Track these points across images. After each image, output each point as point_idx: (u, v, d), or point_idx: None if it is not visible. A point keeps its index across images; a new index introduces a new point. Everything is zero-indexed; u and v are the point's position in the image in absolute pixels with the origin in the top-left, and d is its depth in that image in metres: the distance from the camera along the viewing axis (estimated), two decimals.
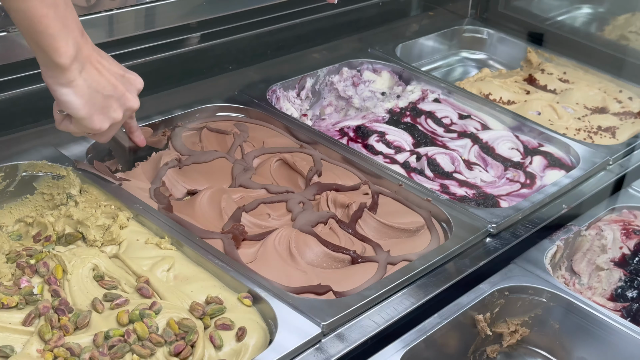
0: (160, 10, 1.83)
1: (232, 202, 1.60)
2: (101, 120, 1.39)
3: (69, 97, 1.34)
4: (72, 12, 1.30)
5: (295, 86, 2.13)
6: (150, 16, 1.83)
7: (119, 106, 1.41)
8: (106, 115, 1.39)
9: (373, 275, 1.49)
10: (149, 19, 1.83)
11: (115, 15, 1.75)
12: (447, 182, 1.83)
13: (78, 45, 1.31)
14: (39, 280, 1.34)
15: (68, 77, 1.32)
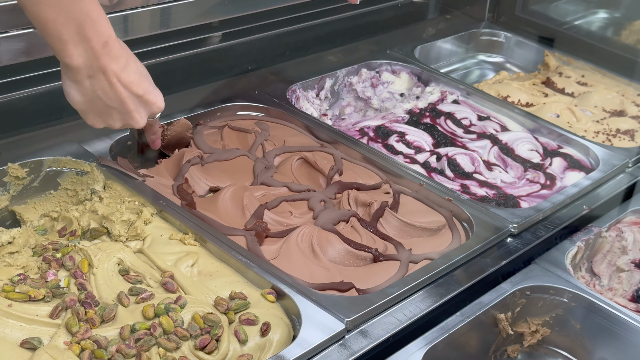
0: (181, 9, 1.84)
1: (254, 200, 1.61)
2: (95, 121, 1.42)
3: (71, 91, 1.37)
4: (95, 23, 1.29)
5: (315, 86, 2.14)
6: (172, 15, 1.84)
7: (120, 119, 1.43)
8: (103, 119, 1.42)
9: (395, 274, 1.49)
10: (170, 17, 1.84)
11: (138, 14, 1.75)
12: (467, 182, 1.84)
13: (94, 54, 1.31)
14: (65, 274, 1.35)
15: (75, 77, 1.34)
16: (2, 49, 1.50)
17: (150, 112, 1.46)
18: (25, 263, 1.36)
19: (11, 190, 1.57)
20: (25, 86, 1.65)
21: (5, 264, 1.35)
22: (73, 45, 1.29)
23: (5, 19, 1.48)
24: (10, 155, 1.58)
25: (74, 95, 1.37)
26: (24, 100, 1.67)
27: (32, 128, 1.70)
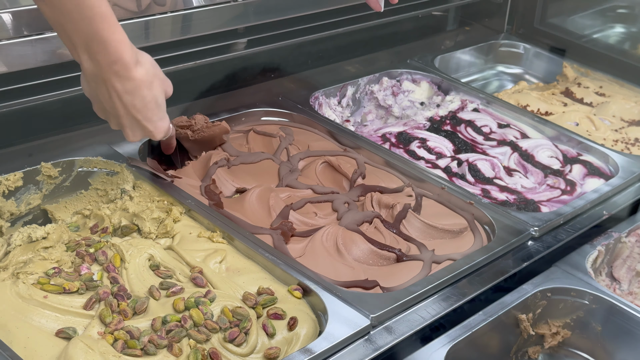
0: (207, 15, 1.88)
1: (280, 200, 1.65)
2: (98, 112, 1.44)
3: (82, 79, 1.40)
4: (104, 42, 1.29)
5: (337, 94, 2.18)
6: (198, 21, 1.88)
7: (115, 124, 1.44)
8: (103, 115, 1.44)
9: (418, 273, 1.52)
10: (196, 23, 1.88)
11: (165, 19, 1.79)
12: (488, 187, 1.86)
13: (100, 67, 1.32)
14: (98, 268, 1.39)
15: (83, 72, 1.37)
16: (37, 50, 1.54)
17: (141, 133, 1.44)
18: (60, 257, 1.40)
19: (44, 189, 1.61)
20: (58, 88, 1.69)
21: (41, 258, 1.39)
22: (81, 51, 1.31)
23: (41, 21, 1.52)
24: (44, 155, 1.62)
25: (82, 84, 1.40)
26: (56, 102, 1.71)
27: (64, 129, 1.75)
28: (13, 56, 1.53)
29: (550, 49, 2.68)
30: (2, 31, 1.50)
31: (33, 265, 1.36)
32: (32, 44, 1.54)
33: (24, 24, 1.52)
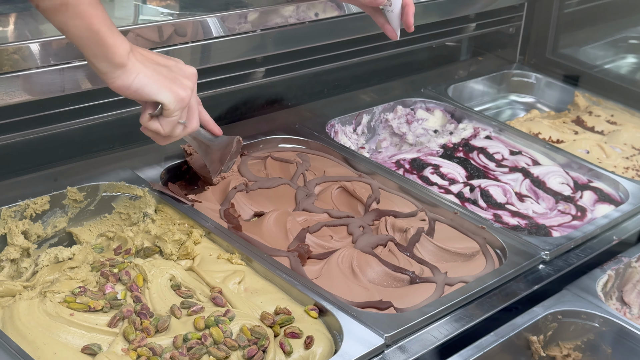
0: (225, 46, 1.93)
1: (296, 224, 1.70)
2: (177, 89, 1.42)
3: (139, 80, 1.38)
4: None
5: (352, 122, 2.24)
6: (217, 51, 1.94)
7: (182, 76, 1.44)
8: (177, 84, 1.43)
9: (431, 294, 1.56)
10: (215, 53, 1.94)
11: (185, 49, 1.85)
12: (499, 212, 1.91)
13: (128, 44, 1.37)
14: (121, 288, 1.44)
15: (129, 69, 1.37)
16: (65, 78, 1.60)
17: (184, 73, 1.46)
18: (85, 277, 1.45)
19: (69, 213, 1.66)
20: (83, 115, 1.75)
21: (67, 278, 1.44)
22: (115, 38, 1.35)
23: (68, 51, 1.59)
24: (69, 180, 1.68)
25: (143, 81, 1.40)
26: (82, 129, 1.77)
27: (89, 155, 1.81)
28: (41, 84, 1.59)
29: (562, 78, 2.73)
30: (30, 61, 1.56)
31: (60, 284, 1.42)
32: (59, 72, 1.60)
33: (51, 53, 1.58)
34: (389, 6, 1.77)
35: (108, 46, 1.34)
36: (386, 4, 1.76)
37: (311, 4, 2.03)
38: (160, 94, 1.41)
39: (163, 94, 1.41)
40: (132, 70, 1.37)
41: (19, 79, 1.55)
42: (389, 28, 1.81)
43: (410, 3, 1.78)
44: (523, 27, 2.82)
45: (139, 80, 1.38)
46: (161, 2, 2.02)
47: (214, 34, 1.88)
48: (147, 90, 1.40)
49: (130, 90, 1.39)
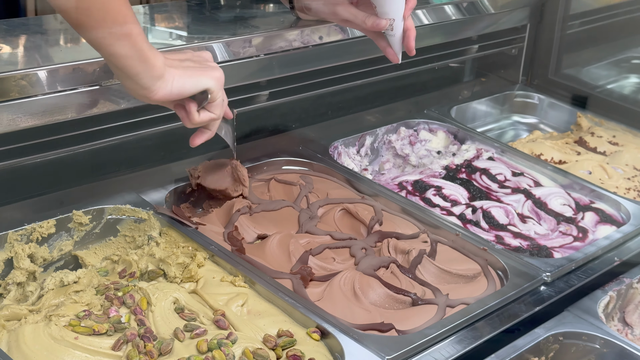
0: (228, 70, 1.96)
1: (299, 246, 1.71)
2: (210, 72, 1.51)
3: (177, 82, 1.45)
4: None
5: (356, 143, 2.26)
6: None
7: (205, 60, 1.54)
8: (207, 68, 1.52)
9: (433, 316, 1.57)
10: None
11: None
12: (501, 233, 1.92)
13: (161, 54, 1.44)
14: (125, 311, 1.46)
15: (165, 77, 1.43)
16: (70, 103, 1.62)
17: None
18: (89, 300, 1.47)
19: (75, 236, 1.68)
20: (89, 140, 1.78)
21: (72, 301, 1.46)
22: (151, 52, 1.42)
23: (75, 76, 1.61)
24: (75, 203, 1.71)
25: (182, 80, 1.47)
26: (87, 153, 1.79)
27: (95, 179, 1.83)
28: (47, 110, 1.61)
29: (565, 99, 2.75)
30: (38, 87, 1.59)
31: (65, 308, 1.43)
32: (65, 98, 1.63)
33: (58, 80, 1.60)
34: (391, 30, 1.80)
35: (149, 61, 1.40)
36: (388, 28, 1.79)
37: (315, 28, 2.06)
38: (201, 83, 1.49)
39: (203, 81, 1.49)
40: (168, 77, 1.44)
41: (26, 105, 1.58)
42: (391, 52, 1.84)
43: (412, 27, 1.81)
44: (526, 48, 2.84)
45: (177, 82, 1.45)
46: (169, 26, 2.05)
47: (218, 58, 1.91)
48: (188, 87, 1.47)
49: (172, 95, 1.46)
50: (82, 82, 1.63)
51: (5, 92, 1.54)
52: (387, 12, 1.77)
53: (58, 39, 1.81)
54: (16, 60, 1.66)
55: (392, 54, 1.85)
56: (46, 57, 1.68)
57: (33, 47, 1.72)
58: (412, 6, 1.80)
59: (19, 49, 1.72)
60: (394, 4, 1.76)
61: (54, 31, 1.86)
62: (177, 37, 1.97)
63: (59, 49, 1.77)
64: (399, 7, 1.77)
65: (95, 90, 1.66)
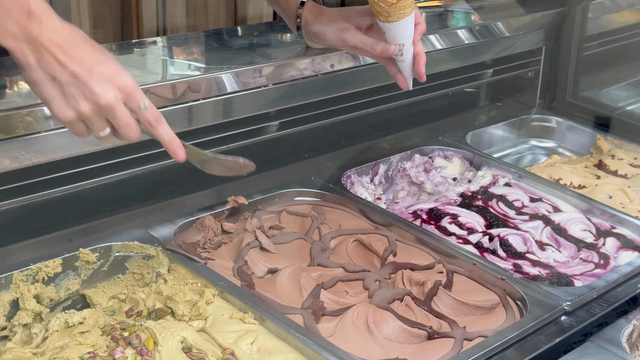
0: (239, 100, 1.94)
1: (311, 280, 1.67)
2: (62, 108, 1.30)
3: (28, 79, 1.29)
4: None
5: (369, 172, 2.22)
6: (231, 106, 1.94)
7: (82, 97, 1.29)
8: (68, 104, 1.30)
9: (450, 350, 1.52)
10: (230, 108, 1.94)
11: (200, 105, 1.85)
12: (520, 261, 1.87)
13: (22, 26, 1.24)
14: (131, 352, 1.42)
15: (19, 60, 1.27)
16: (75, 139, 1.60)
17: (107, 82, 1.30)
18: (95, 342, 1.44)
19: (82, 275, 1.66)
20: (95, 175, 1.76)
21: (77, 343, 1.42)
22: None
23: None
24: (82, 241, 1.68)
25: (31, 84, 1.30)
26: (94, 189, 1.77)
27: (101, 215, 1.81)
28: (53, 147, 1.59)
29: (583, 122, 2.70)
30: (44, 122, 1.57)
31: (69, 350, 1.40)
32: (70, 134, 1.61)
33: None
34: (401, 56, 1.76)
35: None
36: (397, 54, 1.76)
37: (327, 56, 2.04)
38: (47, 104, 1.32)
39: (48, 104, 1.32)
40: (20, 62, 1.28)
41: (30, 142, 1.56)
42: (401, 78, 1.81)
43: (422, 53, 1.78)
44: (542, 71, 2.81)
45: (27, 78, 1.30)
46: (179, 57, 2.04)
47: (227, 89, 1.89)
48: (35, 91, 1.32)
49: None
50: None
51: (10, 128, 1.52)
52: (395, 37, 1.73)
53: None
54: (21, 96, 1.65)
55: (402, 80, 1.81)
56: None
57: None
58: (421, 31, 1.76)
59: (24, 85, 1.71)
60: (402, 29, 1.72)
61: None
62: (187, 67, 1.94)
63: None
64: (408, 32, 1.73)
65: None
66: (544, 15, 2.68)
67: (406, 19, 1.69)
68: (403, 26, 1.71)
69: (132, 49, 2.05)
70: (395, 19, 1.68)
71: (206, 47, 2.13)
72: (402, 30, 1.72)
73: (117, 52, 1.99)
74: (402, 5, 1.65)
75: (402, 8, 1.66)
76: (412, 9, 1.68)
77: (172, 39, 2.30)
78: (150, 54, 2.03)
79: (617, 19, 2.96)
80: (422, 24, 1.76)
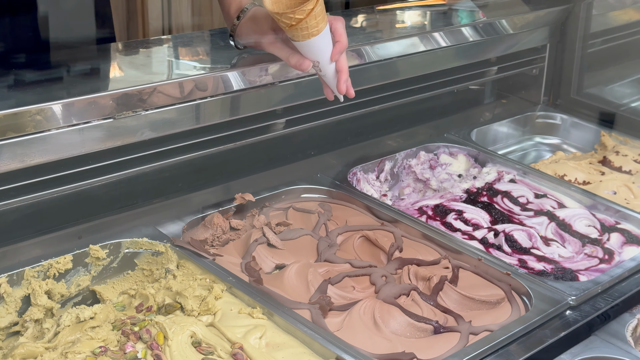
0: (246, 98, 1.96)
1: (318, 275, 1.69)
2: None
3: None
4: None
5: (375, 169, 2.24)
6: (238, 103, 1.96)
7: None
8: None
9: (456, 344, 1.54)
10: (236, 106, 1.95)
11: (206, 103, 1.87)
12: (525, 257, 1.88)
13: None
14: (142, 346, 1.44)
15: None
16: (85, 137, 1.62)
17: None
18: (106, 336, 1.46)
19: (92, 271, 1.68)
20: (105, 173, 1.77)
21: (88, 338, 1.45)
22: None
23: (88, 110, 1.61)
24: (92, 237, 1.70)
25: None
26: (103, 186, 1.79)
27: (111, 212, 1.83)
28: (63, 144, 1.61)
29: (588, 118, 2.71)
30: (53, 121, 1.59)
31: (81, 344, 1.42)
32: (80, 132, 1.63)
33: (72, 114, 1.61)
34: (320, 71, 1.71)
35: None
36: (316, 69, 1.70)
37: None
38: None
39: None
40: None
41: (40, 140, 1.58)
42: (327, 90, 1.76)
43: (343, 70, 1.70)
44: (547, 68, 2.82)
45: None
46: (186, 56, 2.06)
47: (234, 87, 1.90)
48: None
49: None
50: (96, 116, 1.63)
51: (20, 127, 1.54)
52: (307, 53, 1.67)
53: (70, 73, 1.82)
54: (30, 95, 1.66)
55: (328, 92, 1.76)
56: (60, 91, 1.68)
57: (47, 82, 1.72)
58: (341, 49, 1.68)
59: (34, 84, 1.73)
60: (312, 47, 1.65)
61: (65, 65, 1.87)
62: (193, 66, 1.96)
63: (71, 83, 1.77)
64: (321, 50, 1.66)
65: (109, 124, 1.66)
66: (548, 12, 2.69)
67: (313, 38, 1.62)
68: (312, 45, 1.64)
69: (139, 49, 2.06)
70: (301, 39, 1.63)
71: (212, 45, 2.14)
72: (311, 48, 1.65)
73: (123, 52, 2.01)
74: (303, 26, 1.59)
75: (305, 29, 1.60)
76: (318, 29, 1.61)
77: (178, 38, 2.32)
78: (156, 53, 2.04)
79: (621, 16, 2.97)
80: (342, 42, 1.68)
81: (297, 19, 1.58)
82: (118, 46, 2.11)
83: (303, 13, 1.57)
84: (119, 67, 1.94)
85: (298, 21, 1.58)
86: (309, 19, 1.58)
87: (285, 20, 1.59)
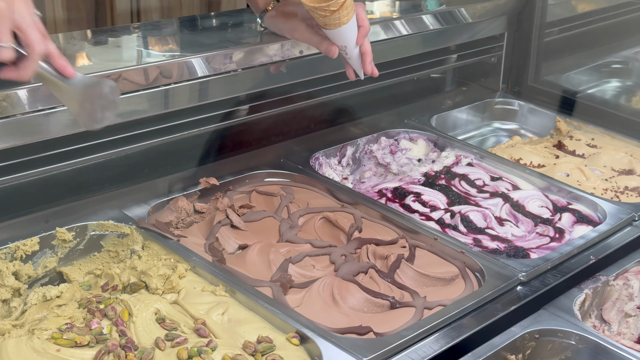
0: (211, 85, 2.00)
1: (279, 255, 1.75)
2: None
3: None
4: None
5: (337, 154, 2.30)
6: (203, 90, 2.00)
7: None
8: None
9: (411, 318, 1.61)
10: (202, 92, 2.00)
11: (172, 90, 1.91)
12: (479, 236, 1.96)
13: None
14: (107, 323, 1.49)
15: None
16: (50, 122, 1.66)
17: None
18: (72, 314, 1.51)
19: (59, 253, 1.72)
20: (72, 157, 1.81)
21: (54, 315, 1.49)
22: None
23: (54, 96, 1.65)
24: (59, 221, 1.74)
25: None
26: (70, 171, 1.83)
27: (78, 197, 1.87)
28: (29, 129, 1.65)
29: (545, 105, 2.79)
30: (19, 106, 1.62)
31: (47, 322, 1.47)
32: (46, 117, 1.67)
33: (38, 99, 1.64)
34: (346, 55, 1.86)
35: None
36: (342, 53, 1.86)
37: (296, 42, 2.10)
38: None
39: None
40: None
41: (6, 125, 1.61)
42: (349, 69, 1.91)
43: (367, 52, 1.86)
44: (505, 57, 2.89)
45: None
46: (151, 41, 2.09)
47: (199, 73, 1.94)
48: None
49: None
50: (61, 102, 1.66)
51: None
52: (336, 40, 1.83)
53: None
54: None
55: (350, 72, 1.92)
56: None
57: None
58: (364, 33, 1.84)
59: None
60: (342, 35, 1.80)
61: None
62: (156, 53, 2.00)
63: None
64: (349, 36, 1.82)
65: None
66: (506, 1, 2.76)
67: (343, 26, 1.78)
68: (341, 32, 1.80)
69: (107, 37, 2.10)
70: (332, 27, 1.78)
71: (179, 32, 2.18)
72: (341, 35, 1.81)
73: (91, 39, 2.04)
74: (335, 17, 1.74)
75: (337, 19, 1.75)
76: (348, 18, 1.76)
77: (145, 26, 2.35)
78: (124, 40, 2.08)
79: (577, 6, 3.06)
80: (365, 27, 1.84)
81: (331, 11, 1.73)
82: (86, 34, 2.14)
83: (337, 5, 1.72)
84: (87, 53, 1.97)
85: (332, 12, 1.74)
86: (342, 10, 1.74)
87: (320, 12, 1.74)
